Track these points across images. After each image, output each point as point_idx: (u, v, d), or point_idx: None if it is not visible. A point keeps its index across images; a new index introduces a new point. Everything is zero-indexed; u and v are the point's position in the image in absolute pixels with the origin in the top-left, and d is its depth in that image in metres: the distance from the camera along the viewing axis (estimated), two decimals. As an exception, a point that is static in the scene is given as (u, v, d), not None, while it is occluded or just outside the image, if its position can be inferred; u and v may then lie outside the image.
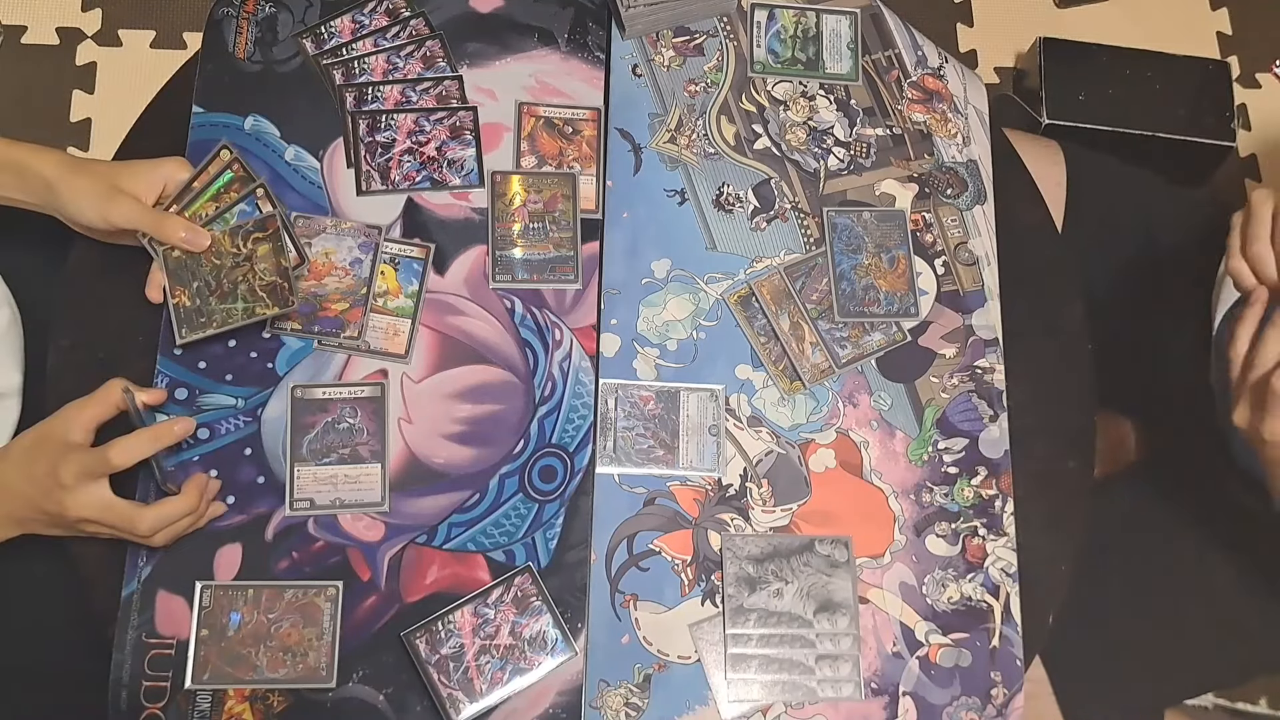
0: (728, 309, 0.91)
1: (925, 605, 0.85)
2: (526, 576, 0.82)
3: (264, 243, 0.82)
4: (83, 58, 1.67)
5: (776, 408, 0.89)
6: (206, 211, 0.85)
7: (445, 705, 0.79)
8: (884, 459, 0.88)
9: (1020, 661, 0.84)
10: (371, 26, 0.96)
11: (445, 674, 0.80)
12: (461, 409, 0.87)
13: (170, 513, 0.78)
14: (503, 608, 0.82)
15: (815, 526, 0.86)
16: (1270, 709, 1.11)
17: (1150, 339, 1.07)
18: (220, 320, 0.82)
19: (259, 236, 0.83)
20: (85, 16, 1.69)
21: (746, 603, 0.84)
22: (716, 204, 0.94)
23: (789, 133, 0.96)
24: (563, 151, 0.94)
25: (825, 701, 0.82)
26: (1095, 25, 1.75)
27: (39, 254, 0.91)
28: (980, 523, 0.87)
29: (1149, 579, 1.01)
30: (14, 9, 1.68)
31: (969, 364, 0.91)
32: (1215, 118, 1.55)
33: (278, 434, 0.85)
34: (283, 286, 0.82)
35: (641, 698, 0.82)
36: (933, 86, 0.99)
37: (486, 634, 0.81)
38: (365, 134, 0.92)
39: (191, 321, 0.82)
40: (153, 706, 0.79)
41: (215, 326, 0.82)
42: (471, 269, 0.91)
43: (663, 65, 0.98)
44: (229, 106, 0.93)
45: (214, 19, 0.96)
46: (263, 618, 0.80)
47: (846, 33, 1.00)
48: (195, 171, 0.86)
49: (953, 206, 0.95)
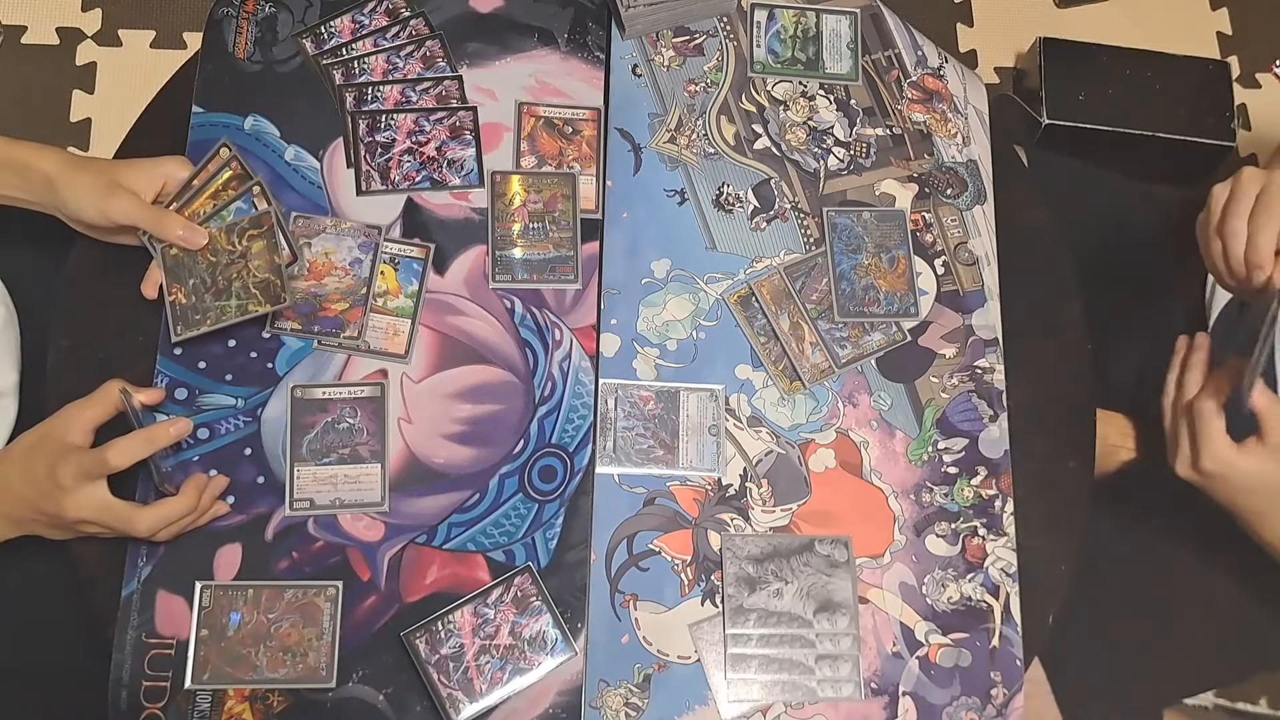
0: (728, 309, 0.91)
1: (925, 605, 0.85)
2: (526, 576, 0.82)
3: (258, 239, 0.82)
4: (83, 58, 1.67)
5: (776, 408, 0.89)
6: (204, 209, 0.85)
7: (445, 705, 0.79)
8: (884, 459, 0.88)
9: (1020, 661, 0.84)
10: (371, 26, 0.96)
11: (445, 674, 0.80)
12: (461, 409, 0.87)
13: (169, 513, 0.78)
14: (503, 608, 0.82)
15: (815, 526, 0.86)
16: (1270, 709, 1.11)
17: (1147, 336, 1.07)
18: (214, 317, 0.82)
19: (254, 233, 0.83)
20: (85, 16, 1.69)
21: (746, 603, 0.84)
22: (716, 204, 0.94)
23: (789, 133, 0.96)
24: (563, 151, 0.94)
25: (825, 701, 0.82)
26: (1095, 25, 1.75)
27: (39, 254, 0.91)
28: (980, 523, 0.87)
29: (1149, 579, 1.01)
30: (14, 9, 1.68)
31: (969, 364, 0.91)
32: (1215, 118, 1.55)
33: (278, 434, 0.85)
34: (275, 284, 0.82)
35: (641, 698, 0.82)
36: (933, 86, 0.99)
37: (486, 634, 0.81)
38: (365, 134, 0.92)
39: (187, 319, 0.82)
40: (153, 706, 0.79)
41: (209, 324, 0.82)
42: (471, 269, 0.91)
43: (663, 65, 0.98)
44: (229, 106, 0.93)
45: (214, 19, 0.96)
46: (263, 618, 0.80)
47: (846, 33, 1.00)
48: (195, 169, 0.86)
49: (953, 206, 0.95)
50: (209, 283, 0.82)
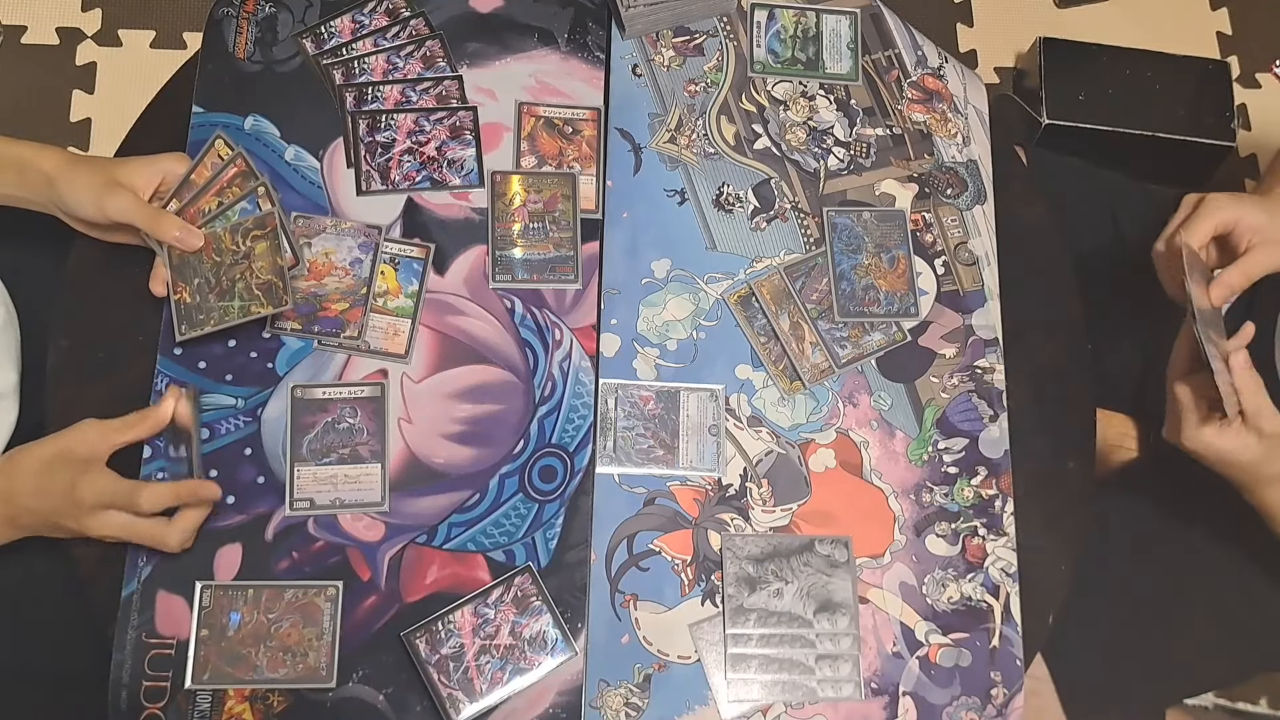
0: (728, 309, 0.91)
1: (925, 605, 0.85)
2: (526, 576, 0.82)
3: (261, 240, 0.82)
4: (83, 58, 1.67)
5: (776, 408, 0.89)
6: (210, 206, 0.85)
7: (445, 705, 0.79)
8: (884, 459, 0.88)
9: (1020, 661, 0.84)
10: (371, 26, 0.96)
11: (445, 674, 0.80)
12: (461, 409, 0.87)
13: (192, 523, 0.79)
14: (503, 608, 0.82)
15: (815, 526, 0.86)
16: (1270, 709, 1.11)
17: (1147, 335, 1.07)
18: (217, 318, 0.82)
19: (257, 234, 0.83)
20: (85, 16, 1.69)
21: (746, 603, 0.84)
22: (716, 204, 0.94)
23: (789, 133, 0.96)
24: (563, 151, 0.94)
25: (825, 701, 0.82)
26: (1095, 25, 1.75)
27: (39, 254, 0.91)
28: (980, 523, 0.87)
29: (1149, 579, 1.01)
30: (14, 9, 1.68)
31: (969, 364, 0.91)
32: (1215, 118, 1.55)
33: (278, 434, 0.85)
34: (278, 286, 0.82)
35: (641, 698, 0.82)
36: (933, 86, 0.99)
37: (486, 634, 0.81)
38: (365, 134, 0.92)
39: (191, 318, 0.82)
40: (153, 706, 0.79)
41: (212, 324, 0.82)
42: (471, 269, 0.91)
43: (663, 65, 0.98)
44: (229, 106, 0.93)
45: (214, 19, 0.96)
46: (263, 618, 0.80)
47: (846, 33, 1.00)
48: (192, 164, 0.86)
49: (953, 206, 0.95)
50: (213, 282, 0.82)
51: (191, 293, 0.83)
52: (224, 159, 0.86)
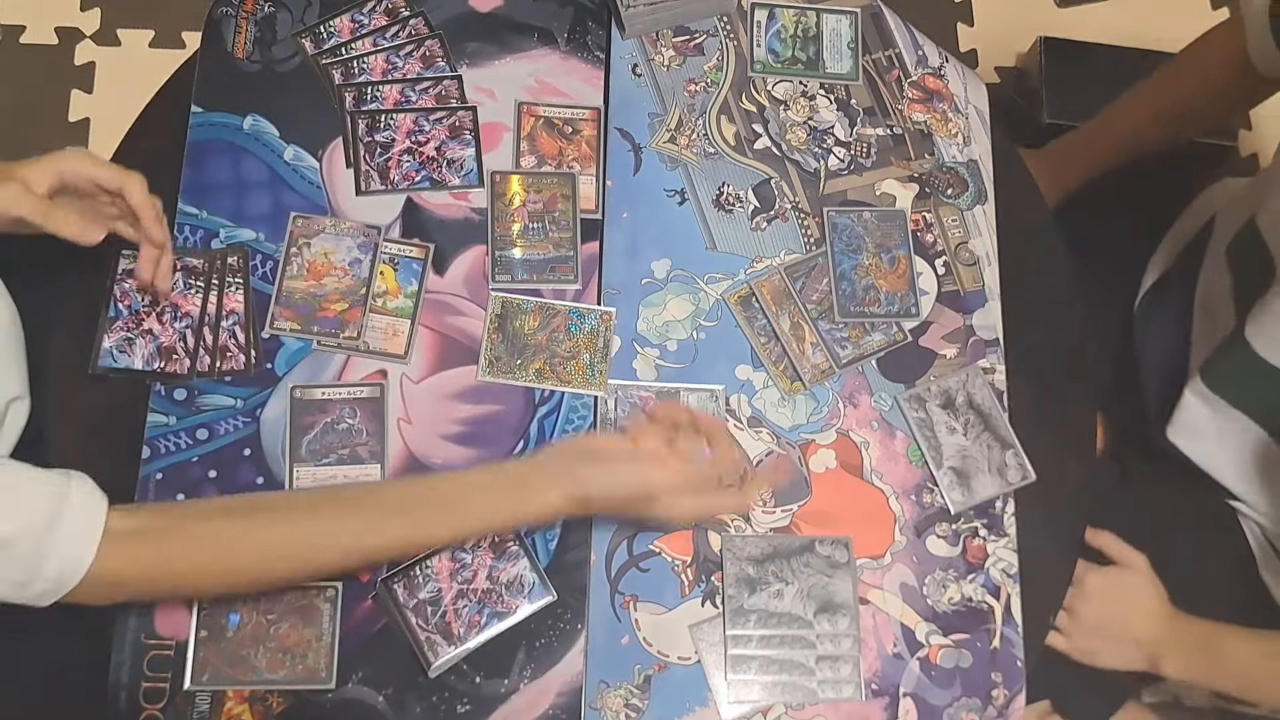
0: (728, 309, 0.91)
1: (926, 606, 0.85)
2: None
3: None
4: (81, 57, 1.67)
5: (777, 408, 0.89)
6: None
7: (424, 649, 0.79)
8: (884, 459, 0.88)
9: (1021, 662, 0.84)
10: (371, 26, 0.95)
11: (423, 618, 0.80)
12: (461, 409, 0.87)
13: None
14: (480, 552, 0.82)
15: (815, 527, 0.86)
16: (1270, 709, 1.11)
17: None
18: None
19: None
20: (84, 16, 1.69)
21: (747, 603, 0.84)
22: (716, 204, 0.94)
23: (789, 132, 0.96)
24: (562, 151, 0.94)
25: (825, 702, 0.82)
26: (1095, 25, 1.75)
27: (39, 254, 0.90)
28: (980, 523, 0.87)
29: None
30: (13, 9, 1.68)
31: (969, 364, 0.91)
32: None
33: (277, 434, 0.85)
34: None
35: (641, 698, 0.81)
36: (933, 86, 0.99)
37: (464, 578, 0.81)
38: (364, 134, 0.92)
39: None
40: (152, 707, 0.79)
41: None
42: (471, 269, 0.90)
43: (663, 65, 0.98)
44: (228, 106, 0.93)
45: (213, 18, 0.96)
46: (262, 619, 0.80)
47: (847, 32, 1.00)
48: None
49: (953, 206, 0.95)
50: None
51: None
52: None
